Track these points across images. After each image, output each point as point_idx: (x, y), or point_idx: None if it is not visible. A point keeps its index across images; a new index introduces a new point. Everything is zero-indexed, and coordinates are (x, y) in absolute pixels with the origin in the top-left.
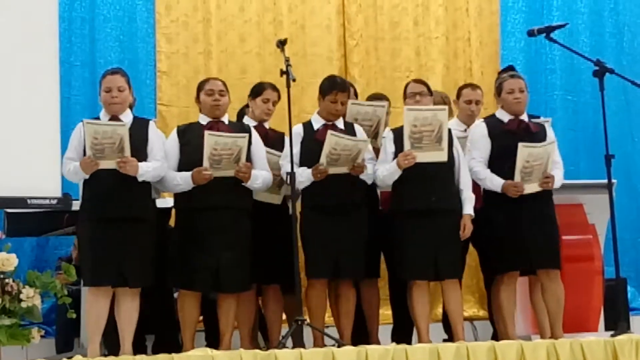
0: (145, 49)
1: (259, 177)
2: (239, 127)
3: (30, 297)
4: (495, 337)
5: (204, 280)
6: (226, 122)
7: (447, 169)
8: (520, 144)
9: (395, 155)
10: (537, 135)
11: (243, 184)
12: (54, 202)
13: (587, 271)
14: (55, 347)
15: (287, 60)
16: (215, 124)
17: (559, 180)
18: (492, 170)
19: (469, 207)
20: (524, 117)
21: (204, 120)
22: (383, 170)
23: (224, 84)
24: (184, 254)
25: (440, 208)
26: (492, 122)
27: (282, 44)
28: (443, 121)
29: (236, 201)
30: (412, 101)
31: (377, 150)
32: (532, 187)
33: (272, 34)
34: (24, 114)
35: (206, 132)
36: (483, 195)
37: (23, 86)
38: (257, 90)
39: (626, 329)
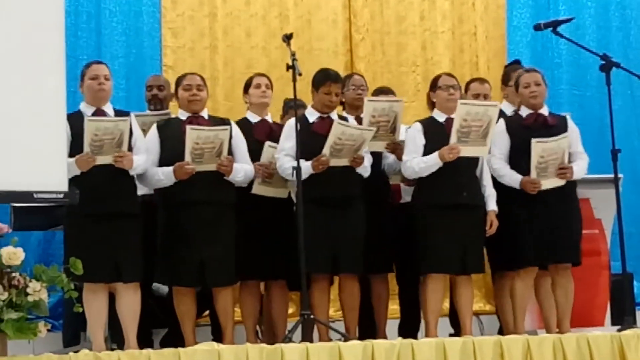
0: (151, 43)
1: (241, 171)
2: (219, 121)
3: (37, 291)
4: (502, 331)
5: (190, 276)
6: (206, 117)
7: (474, 164)
8: (533, 140)
9: (426, 147)
10: (554, 128)
11: (225, 177)
12: (60, 196)
13: (594, 266)
14: (62, 340)
15: (293, 54)
16: (195, 119)
17: (580, 170)
18: (511, 166)
19: (493, 204)
20: (544, 110)
21: (183, 115)
22: (419, 162)
23: (202, 78)
24: (168, 250)
25: (468, 203)
26: (511, 118)
27: (288, 38)
28: (493, 117)
29: (219, 195)
30: (446, 94)
31: (395, 145)
32: (551, 182)
33: (278, 28)
34: (30, 108)
35: (188, 127)
36: (501, 190)
37: (29, 80)
38: (247, 83)
39: (632, 323)
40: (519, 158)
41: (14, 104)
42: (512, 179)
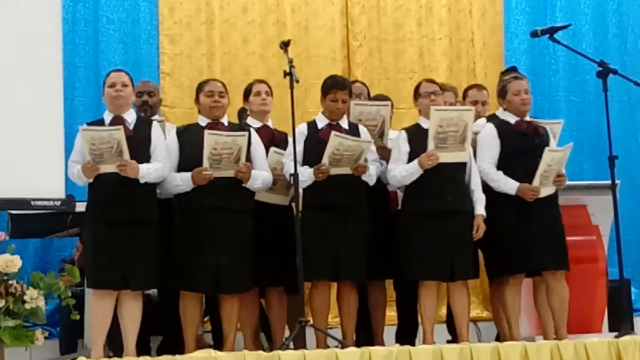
0: (149, 50)
1: (259, 178)
2: (238, 128)
3: (34, 298)
4: (499, 338)
5: (204, 282)
6: (226, 124)
7: (461, 169)
8: (546, 149)
9: (410, 155)
10: (544, 136)
11: (243, 184)
12: (58, 203)
13: (591, 272)
14: (59, 348)
15: (290, 61)
16: (215, 125)
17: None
18: (503, 172)
19: (481, 208)
20: (528, 117)
21: (203, 121)
22: (401, 170)
23: (224, 85)
24: (184, 255)
25: (455, 209)
26: (499, 124)
27: (285, 45)
28: (468, 122)
29: (236, 202)
30: (426, 100)
31: (383, 149)
32: (546, 190)
33: (275, 35)
34: (28, 116)
35: (206, 132)
36: (490, 197)
37: (27, 88)
38: (247, 90)
39: (630, 330)
40: (512, 164)
41: (11, 112)
42: (508, 185)
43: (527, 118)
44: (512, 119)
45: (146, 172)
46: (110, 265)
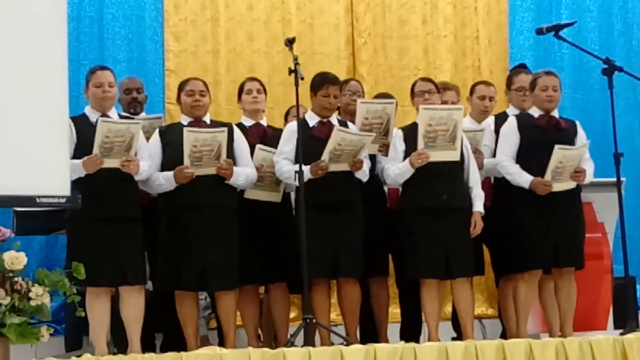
0: (154, 47)
1: (242, 174)
2: (221, 126)
3: (40, 295)
4: (504, 335)
5: (191, 280)
6: (208, 122)
7: (457, 166)
8: (556, 146)
9: (406, 154)
10: (566, 131)
11: (226, 181)
12: (63, 200)
13: (596, 270)
14: (64, 345)
15: (295, 58)
16: (197, 124)
17: (588, 175)
18: (520, 165)
19: (479, 205)
20: (555, 113)
21: (185, 120)
22: (395, 169)
23: (205, 84)
24: (170, 254)
25: (450, 206)
26: (522, 117)
27: (290, 42)
28: (458, 121)
29: (220, 199)
30: (421, 99)
31: (388, 147)
32: (561, 185)
33: (280, 32)
34: (33, 113)
35: (185, 129)
36: (506, 192)
37: (31, 85)
38: (239, 89)
39: (635, 327)
40: (529, 157)
41: (16, 109)
42: (522, 178)
43: (554, 113)
44: (536, 113)
45: (142, 170)
46: (106, 261)
